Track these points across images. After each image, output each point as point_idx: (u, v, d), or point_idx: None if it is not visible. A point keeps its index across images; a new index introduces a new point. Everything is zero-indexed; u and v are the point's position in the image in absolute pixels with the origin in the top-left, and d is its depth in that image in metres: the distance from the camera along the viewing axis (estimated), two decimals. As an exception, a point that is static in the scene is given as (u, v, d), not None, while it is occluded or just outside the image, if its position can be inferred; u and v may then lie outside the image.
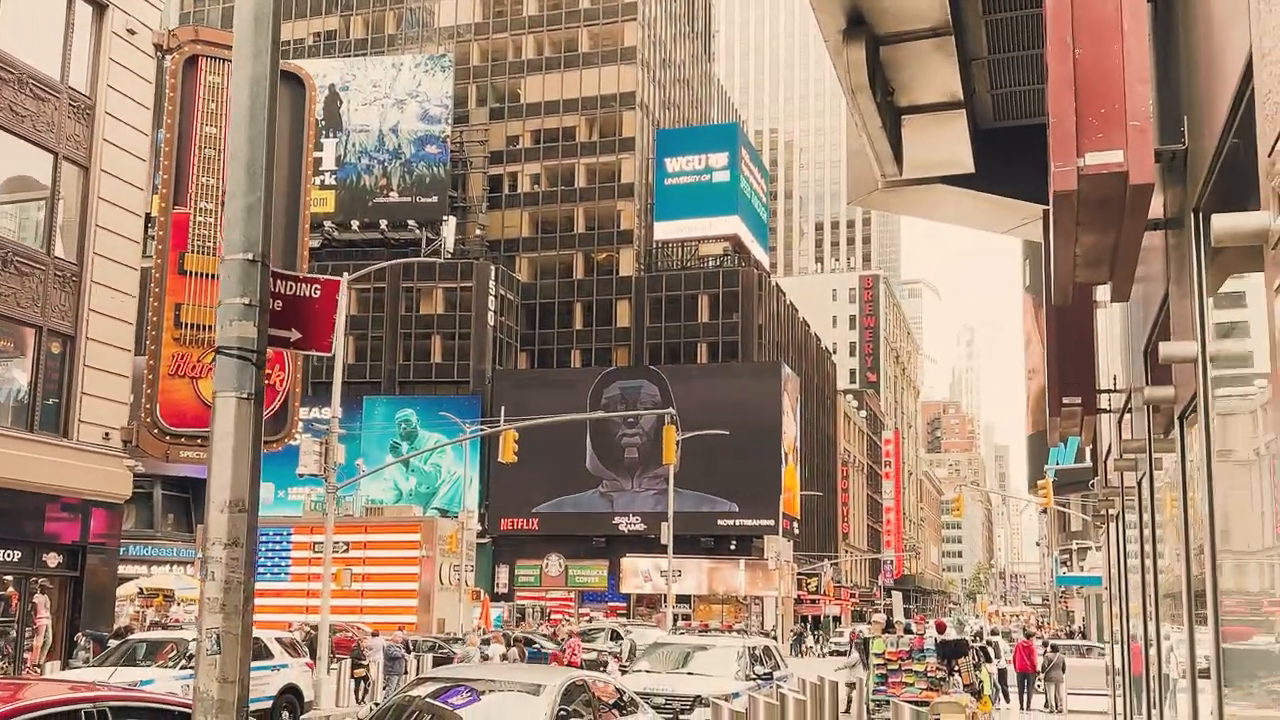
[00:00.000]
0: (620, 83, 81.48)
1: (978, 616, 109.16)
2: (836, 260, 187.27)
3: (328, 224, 78.90)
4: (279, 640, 19.89)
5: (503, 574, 75.49)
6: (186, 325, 25.18)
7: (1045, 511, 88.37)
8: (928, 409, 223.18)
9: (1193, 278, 5.57)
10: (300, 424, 29.50)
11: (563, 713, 9.25)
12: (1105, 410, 11.02)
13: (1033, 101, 10.69)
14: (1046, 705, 26.47)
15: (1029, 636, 37.56)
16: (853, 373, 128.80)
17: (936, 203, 12.44)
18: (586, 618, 60.05)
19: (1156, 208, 6.04)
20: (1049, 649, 28.55)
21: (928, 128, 11.15)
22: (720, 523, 70.84)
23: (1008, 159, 11.54)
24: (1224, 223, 3.43)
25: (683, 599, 68.92)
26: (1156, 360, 7.57)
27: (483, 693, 9.61)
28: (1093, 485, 14.34)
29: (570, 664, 24.47)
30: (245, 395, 5.49)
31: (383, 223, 78.74)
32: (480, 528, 51.50)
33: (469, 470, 50.41)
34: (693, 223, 78.89)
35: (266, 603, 46.43)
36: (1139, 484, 9.76)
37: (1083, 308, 10.55)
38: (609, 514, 73.02)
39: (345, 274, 32.35)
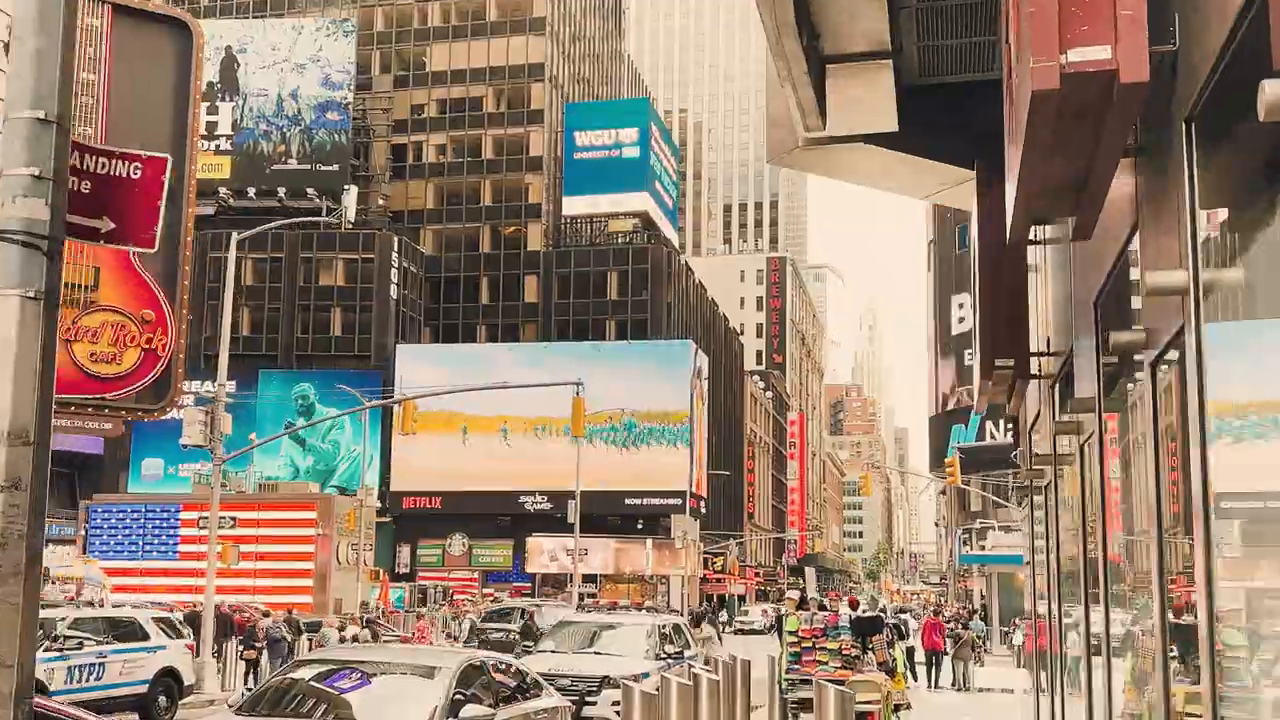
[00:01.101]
0: (529, 53, 79.93)
1: (880, 595, 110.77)
2: (744, 242, 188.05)
3: (222, 191, 76.03)
4: (156, 620, 18.51)
5: (404, 554, 73.89)
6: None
7: (945, 493, 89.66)
8: (831, 391, 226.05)
9: (1183, 198, 4.80)
10: (184, 392, 27.82)
11: (459, 696, 8.33)
12: (1036, 376, 10.43)
13: (962, 57, 10.05)
14: (954, 684, 26.35)
15: (936, 614, 37.69)
16: (759, 354, 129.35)
17: (857, 164, 11.76)
18: (491, 597, 58.94)
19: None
20: (959, 626, 28.45)
21: (853, 78, 10.45)
22: (627, 502, 70.22)
23: (933, 119, 10.90)
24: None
25: (589, 578, 68.15)
26: (1110, 311, 6.90)
27: (372, 675, 8.64)
28: (1015, 457, 13.82)
29: None
30: (32, 294, 4.30)
31: (281, 191, 76.08)
32: (379, 505, 50.00)
33: (368, 447, 48.82)
34: (602, 198, 77.94)
35: (156, 582, 44.56)
36: (1081, 449, 9.19)
37: (1015, 268, 9.94)
38: (514, 493, 71.87)
39: (235, 233, 30.66)
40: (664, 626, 16.73)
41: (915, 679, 25.81)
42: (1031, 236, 10.34)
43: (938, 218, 69.09)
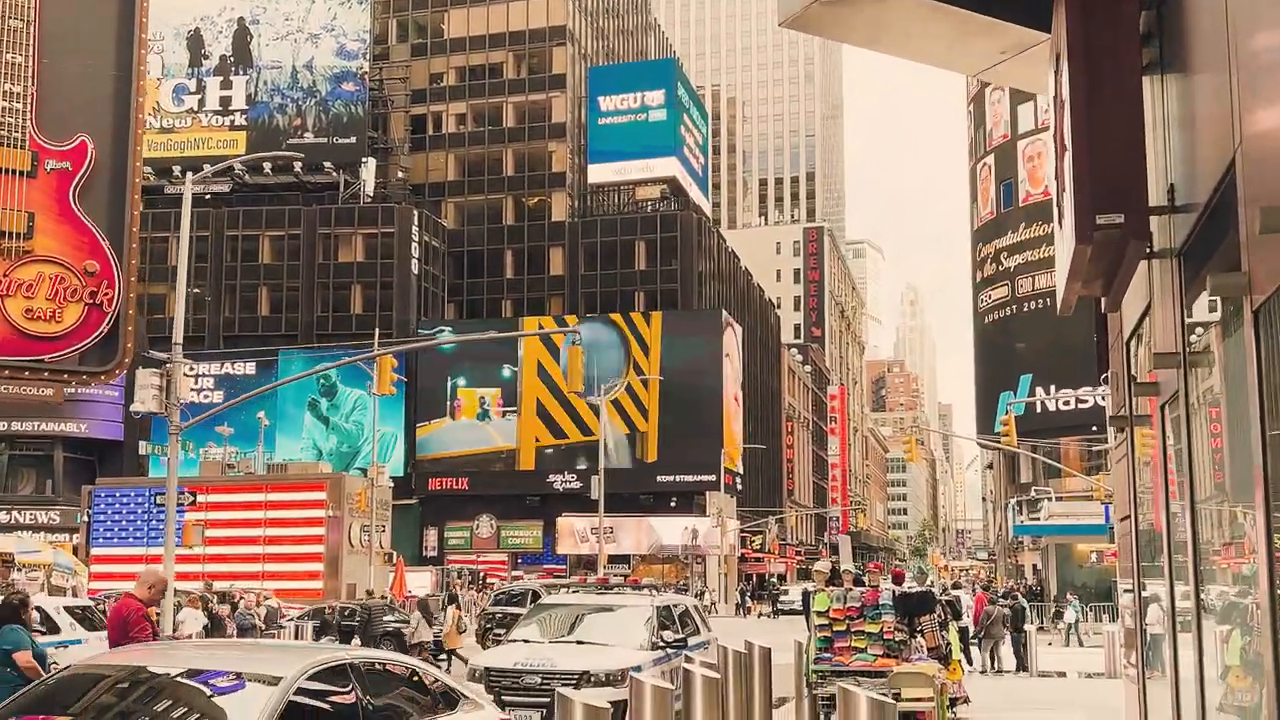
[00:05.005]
0: (550, 15, 76.80)
1: (930, 569, 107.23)
2: (781, 214, 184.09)
3: (238, 167, 73.70)
4: (68, 610, 15.88)
5: (431, 536, 71.61)
6: (-14, 232, 20.71)
7: (991, 466, 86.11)
8: (873, 368, 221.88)
9: None
10: (133, 353, 25.14)
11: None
12: (1150, 254, 7.32)
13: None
14: (983, 667, 23.42)
15: (986, 589, 34.56)
16: (797, 328, 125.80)
17: (886, 24, 8.72)
18: (519, 579, 56.40)
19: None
20: (994, 602, 25.41)
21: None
22: (660, 478, 67.38)
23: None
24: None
25: (621, 559, 65.51)
26: None
27: (159, 690, 5.82)
28: (1104, 381, 10.60)
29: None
30: None
31: (297, 165, 73.65)
32: (389, 485, 47.45)
33: (375, 425, 46.30)
34: (629, 164, 74.78)
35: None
36: (1208, 355, 6.17)
37: (1129, 79, 6.84)
38: (543, 472, 69.27)
39: (189, 172, 27.88)
40: (665, 609, 13.79)
41: (971, 664, 22.80)
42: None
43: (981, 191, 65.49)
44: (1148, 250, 7.17)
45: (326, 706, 6.00)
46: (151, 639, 9.21)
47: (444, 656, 23.34)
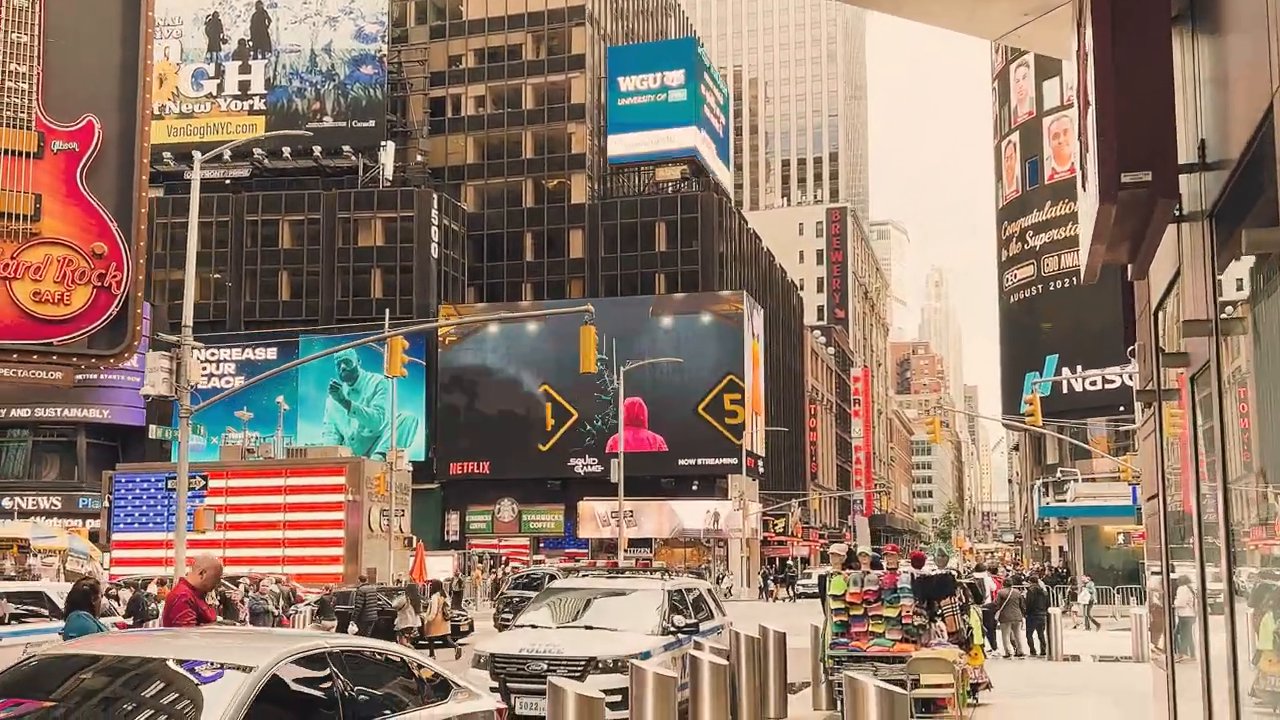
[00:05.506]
0: (568, -5, 76.29)
1: (952, 552, 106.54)
2: (804, 196, 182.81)
3: (257, 152, 73.67)
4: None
5: (453, 521, 71.59)
6: (-5, 214, 20.48)
7: (1018, 448, 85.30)
8: (897, 350, 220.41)
9: None
10: (143, 336, 24.97)
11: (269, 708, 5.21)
12: (1179, 218, 6.89)
13: None
14: (1007, 653, 22.92)
15: (993, 572, 34.00)
16: (820, 309, 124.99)
17: None
18: (541, 563, 56.29)
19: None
20: (1012, 585, 24.87)
21: None
22: (681, 462, 67.03)
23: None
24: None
25: (642, 543, 65.33)
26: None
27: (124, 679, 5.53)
28: (1131, 353, 10.16)
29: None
30: None
31: (317, 149, 73.51)
32: (409, 469, 47.33)
33: (394, 409, 46.11)
34: (650, 134, 73.95)
35: (187, 554, 42.42)
36: (1242, 322, 5.74)
37: (1157, 25, 6.39)
38: (564, 455, 69.07)
39: (198, 153, 27.70)
40: (678, 592, 13.43)
41: (994, 646, 22.38)
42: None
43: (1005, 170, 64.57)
44: (1176, 212, 6.74)
45: (302, 696, 5.69)
46: (196, 624, 8.83)
47: (424, 643, 23.20)
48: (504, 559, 59.52)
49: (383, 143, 74.21)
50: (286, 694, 5.55)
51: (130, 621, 19.89)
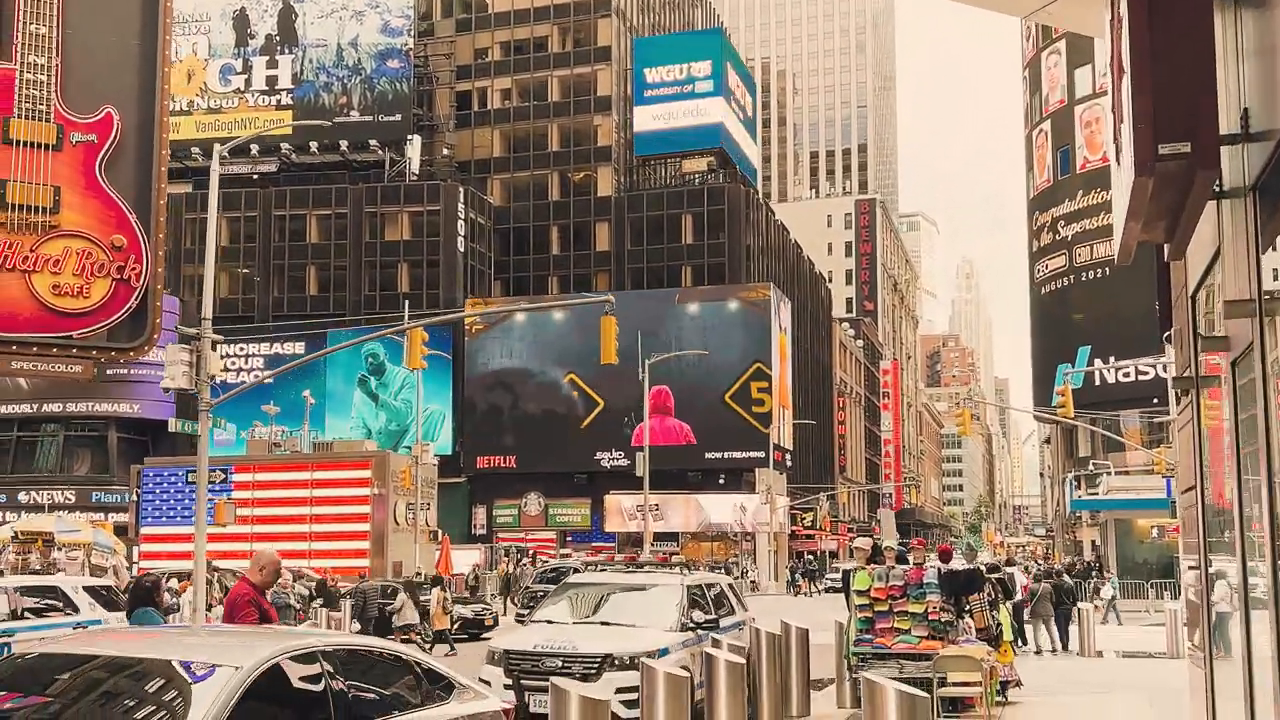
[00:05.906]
0: (594, -14, 75.99)
1: (981, 546, 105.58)
2: (832, 187, 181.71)
3: (284, 147, 73.90)
4: (88, 590, 15.59)
5: (480, 514, 71.58)
6: (15, 206, 20.36)
7: (1049, 441, 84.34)
8: (927, 342, 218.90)
9: None
10: (164, 329, 24.88)
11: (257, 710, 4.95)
12: (1219, 193, 6.53)
13: None
14: (1038, 648, 22.44)
15: (1007, 564, 33.41)
16: (849, 301, 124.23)
17: None
18: (567, 556, 56.12)
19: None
20: (1042, 580, 24.31)
21: None
22: (708, 455, 66.67)
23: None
24: None
25: (669, 537, 64.99)
26: None
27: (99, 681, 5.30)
28: (1166, 339, 9.74)
29: None
30: None
31: (343, 144, 73.62)
32: (435, 462, 47.24)
33: (420, 403, 46.03)
34: (676, 106, 73.46)
35: (209, 547, 42.53)
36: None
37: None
38: (591, 449, 68.85)
39: (218, 145, 27.60)
40: (698, 587, 13.14)
41: (1024, 643, 21.94)
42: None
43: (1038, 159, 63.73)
44: (1217, 187, 6.37)
45: (291, 694, 5.46)
46: (259, 623, 8.41)
47: (429, 638, 23.11)
48: (530, 552, 59.47)
49: (409, 136, 74.22)
50: (275, 692, 5.32)
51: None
